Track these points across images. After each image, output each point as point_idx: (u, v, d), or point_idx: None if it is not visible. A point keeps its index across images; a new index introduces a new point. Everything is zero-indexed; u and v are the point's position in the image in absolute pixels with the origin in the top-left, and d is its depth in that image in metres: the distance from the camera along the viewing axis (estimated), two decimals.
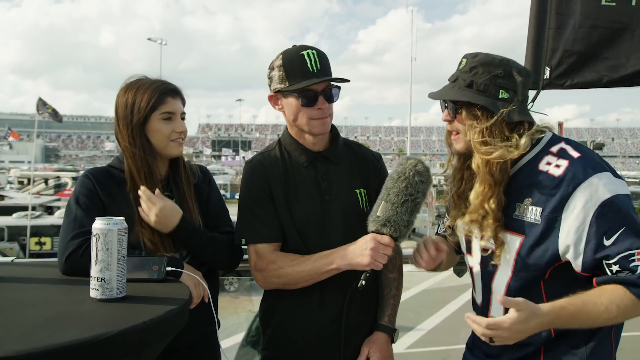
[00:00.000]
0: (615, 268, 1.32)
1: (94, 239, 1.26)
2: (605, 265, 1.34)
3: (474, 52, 1.53)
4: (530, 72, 1.57)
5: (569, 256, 1.38)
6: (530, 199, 1.43)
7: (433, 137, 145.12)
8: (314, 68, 1.64)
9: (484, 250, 1.56)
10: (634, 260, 1.31)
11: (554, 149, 1.47)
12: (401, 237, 1.52)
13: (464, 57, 1.54)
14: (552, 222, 1.38)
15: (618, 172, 1.43)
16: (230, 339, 2.55)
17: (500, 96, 1.46)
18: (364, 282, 1.53)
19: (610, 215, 1.32)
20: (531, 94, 2.51)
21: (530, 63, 2.47)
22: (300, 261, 1.65)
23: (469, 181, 1.58)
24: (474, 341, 1.68)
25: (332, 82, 1.68)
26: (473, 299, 1.68)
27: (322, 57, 1.68)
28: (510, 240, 1.46)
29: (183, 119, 1.76)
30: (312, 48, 1.68)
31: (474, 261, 1.63)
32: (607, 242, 1.32)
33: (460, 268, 2.69)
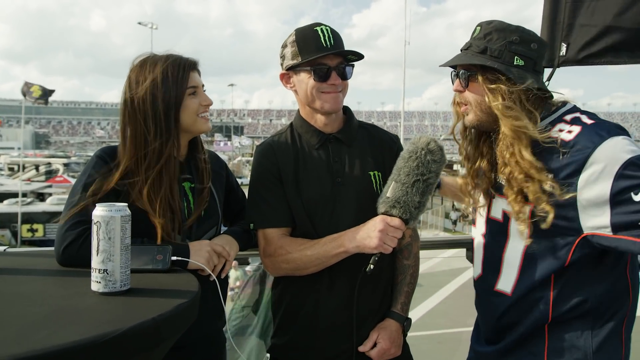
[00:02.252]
0: None
1: (94, 227, 1.15)
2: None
3: (489, 20, 1.48)
4: (546, 42, 1.51)
5: (593, 223, 1.29)
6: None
7: (426, 122, 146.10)
8: (327, 43, 1.61)
9: (490, 220, 1.51)
10: None
11: (568, 117, 1.41)
12: (412, 219, 1.47)
13: (478, 25, 1.48)
14: (566, 188, 1.31)
15: None
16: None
17: (515, 63, 1.41)
18: (372, 267, 1.48)
19: (633, 173, 1.24)
20: (546, 72, 2.43)
21: (546, 39, 2.36)
22: (309, 245, 1.61)
23: (487, 155, 1.54)
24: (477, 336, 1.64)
25: (345, 59, 1.66)
26: (473, 277, 1.64)
27: (335, 33, 1.65)
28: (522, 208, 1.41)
29: (204, 90, 1.66)
30: (325, 25, 1.65)
31: (477, 232, 1.59)
32: (636, 198, 1.22)
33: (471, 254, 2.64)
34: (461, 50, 1.50)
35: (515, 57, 1.41)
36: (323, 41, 1.61)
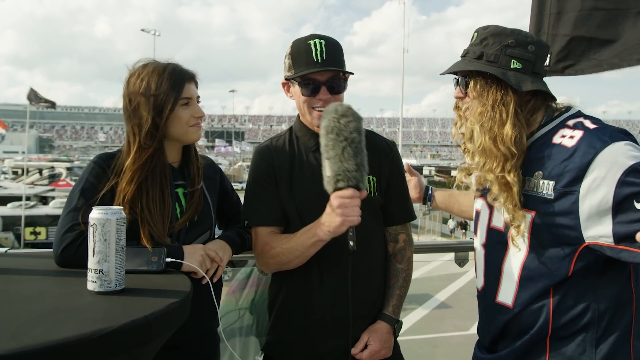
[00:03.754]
0: None
1: (91, 229, 1.20)
2: None
3: (486, 25, 1.47)
4: (546, 43, 1.50)
5: (595, 232, 1.25)
6: (541, 173, 1.34)
7: (424, 129, 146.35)
8: (319, 58, 1.61)
9: (491, 230, 1.50)
10: None
11: (571, 122, 1.38)
12: (360, 183, 1.46)
13: (475, 32, 1.48)
14: (568, 195, 1.28)
15: None
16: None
17: (512, 66, 1.39)
18: (352, 243, 1.48)
19: (636, 180, 1.19)
20: None
21: None
22: (288, 239, 1.65)
23: None
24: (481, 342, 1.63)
25: (342, 73, 1.67)
26: (477, 287, 1.62)
27: (330, 47, 1.64)
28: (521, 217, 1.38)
29: (198, 102, 1.72)
30: (322, 37, 1.65)
31: (478, 243, 1.58)
32: (639, 206, 1.18)
33: (462, 258, 2.66)
34: (460, 57, 1.51)
35: (512, 60, 1.39)
36: (314, 55, 1.61)
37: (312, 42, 1.63)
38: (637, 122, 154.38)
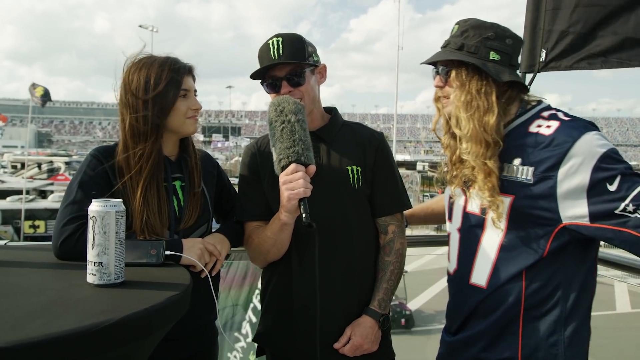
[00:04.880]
0: (630, 207, 1.29)
1: (90, 222, 1.19)
2: (617, 212, 1.30)
3: (466, 18, 1.55)
4: (521, 38, 1.57)
5: (572, 213, 1.36)
6: (520, 159, 1.43)
7: (418, 125, 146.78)
8: (275, 55, 1.66)
9: (467, 214, 1.55)
10: None
11: (545, 113, 1.48)
12: (301, 157, 1.50)
13: (456, 24, 1.55)
14: (546, 180, 1.37)
15: None
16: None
17: (491, 57, 1.47)
18: (304, 215, 1.49)
19: (608, 166, 1.33)
20: (527, 77, 2.50)
21: (527, 46, 2.45)
22: (263, 229, 1.71)
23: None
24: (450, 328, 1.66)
25: (305, 65, 1.70)
26: (447, 271, 1.66)
27: (288, 43, 1.67)
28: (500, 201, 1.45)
29: (195, 95, 1.72)
30: (280, 36, 1.69)
31: (453, 227, 1.63)
32: (611, 188, 1.31)
33: None
34: (441, 48, 1.56)
35: (491, 52, 1.47)
36: (272, 53, 1.66)
37: (270, 41, 1.68)
38: (626, 120, 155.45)
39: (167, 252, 1.46)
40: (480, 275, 1.51)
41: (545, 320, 1.44)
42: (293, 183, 1.49)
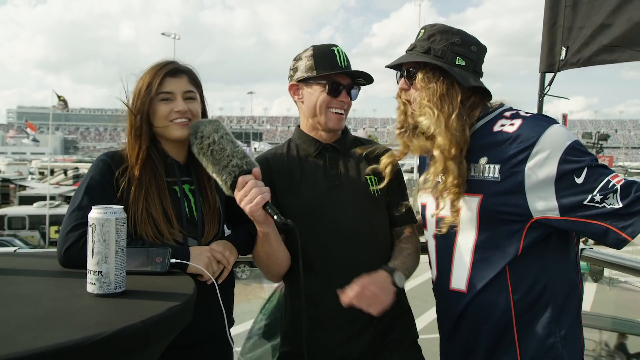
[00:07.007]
0: (598, 197, 1.30)
1: (90, 229, 1.15)
2: (586, 203, 1.31)
3: (433, 23, 1.55)
4: (485, 46, 1.55)
5: (542, 206, 1.35)
6: (486, 158, 1.43)
7: None
8: (342, 63, 1.72)
9: (440, 219, 1.52)
10: (611, 183, 1.30)
11: (507, 113, 1.49)
12: (242, 167, 1.49)
13: (422, 28, 1.56)
14: (514, 176, 1.37)
15: (621, 164, 1.36)
16: (242, 325, 2.51)
17: (457, 63, 1.47)
18: (275, 217, 1.48)
19: (575, 158, 1.33)
20: (548, 77, 2.41)
21: (547, 44, 2.38)
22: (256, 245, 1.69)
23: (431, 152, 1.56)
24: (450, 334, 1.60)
25: (354, 82, 1.77)
26: (432, 280, 1.64)
27: (347, 57, 1.76)
28: (468, 201, 1.44)
29: (191, 98, 1.66)
30: (338, 46, 1.76)
31: (429, 234, 1.62)
32: (579, 180, 1.31)
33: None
34: (406, 52, 1.56)
35: (457, 57, 1.47)
36: (339, 61, 1.71)
37: (335, 49, 1.74)
38: None
39: (173, 260, 1.41)
40: (459, 279, 1.50)
41: (540, 323, 1.41)
42: (248, 196, 1.47)
